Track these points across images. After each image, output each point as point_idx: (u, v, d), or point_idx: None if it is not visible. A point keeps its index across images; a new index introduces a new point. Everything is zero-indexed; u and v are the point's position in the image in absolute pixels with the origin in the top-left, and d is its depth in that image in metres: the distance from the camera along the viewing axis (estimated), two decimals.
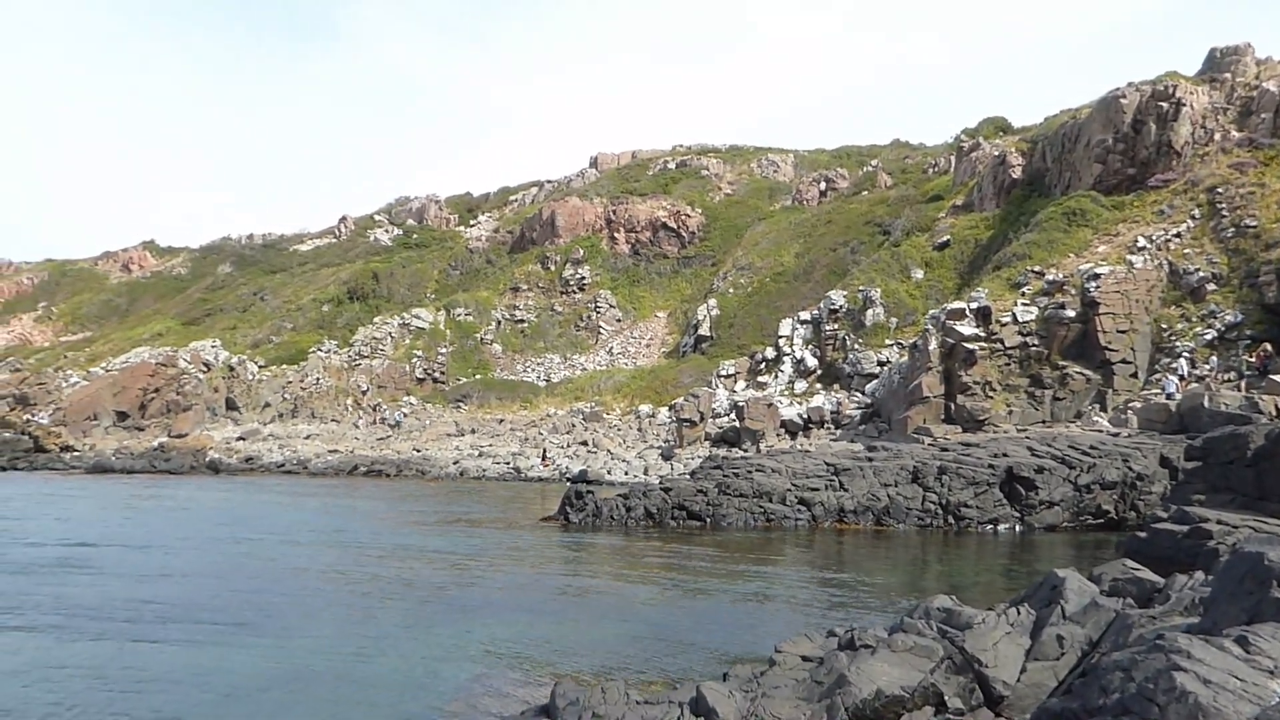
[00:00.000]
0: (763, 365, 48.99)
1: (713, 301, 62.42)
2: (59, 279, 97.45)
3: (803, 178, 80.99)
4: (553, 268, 75.25)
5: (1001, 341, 34.86)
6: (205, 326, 74.90)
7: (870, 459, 26.71)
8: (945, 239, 48.96)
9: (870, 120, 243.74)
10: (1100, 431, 28.85)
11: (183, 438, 53.99)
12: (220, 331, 71.81)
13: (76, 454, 50.75)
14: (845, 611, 13.53)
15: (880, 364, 42.74)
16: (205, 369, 62.76)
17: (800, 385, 45.63)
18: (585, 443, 47.98)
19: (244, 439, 54.43)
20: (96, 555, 19.16)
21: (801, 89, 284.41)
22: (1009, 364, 34.76)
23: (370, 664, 10.83)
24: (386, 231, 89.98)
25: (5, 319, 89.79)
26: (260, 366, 64.33)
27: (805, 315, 49.63)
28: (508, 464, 44.33)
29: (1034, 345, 34.46)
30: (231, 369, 63.32)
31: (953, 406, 34.74)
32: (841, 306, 47.20)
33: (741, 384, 48.31)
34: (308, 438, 54.43)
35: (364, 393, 61.90)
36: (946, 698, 6.75)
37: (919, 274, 47.93)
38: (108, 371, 63.28)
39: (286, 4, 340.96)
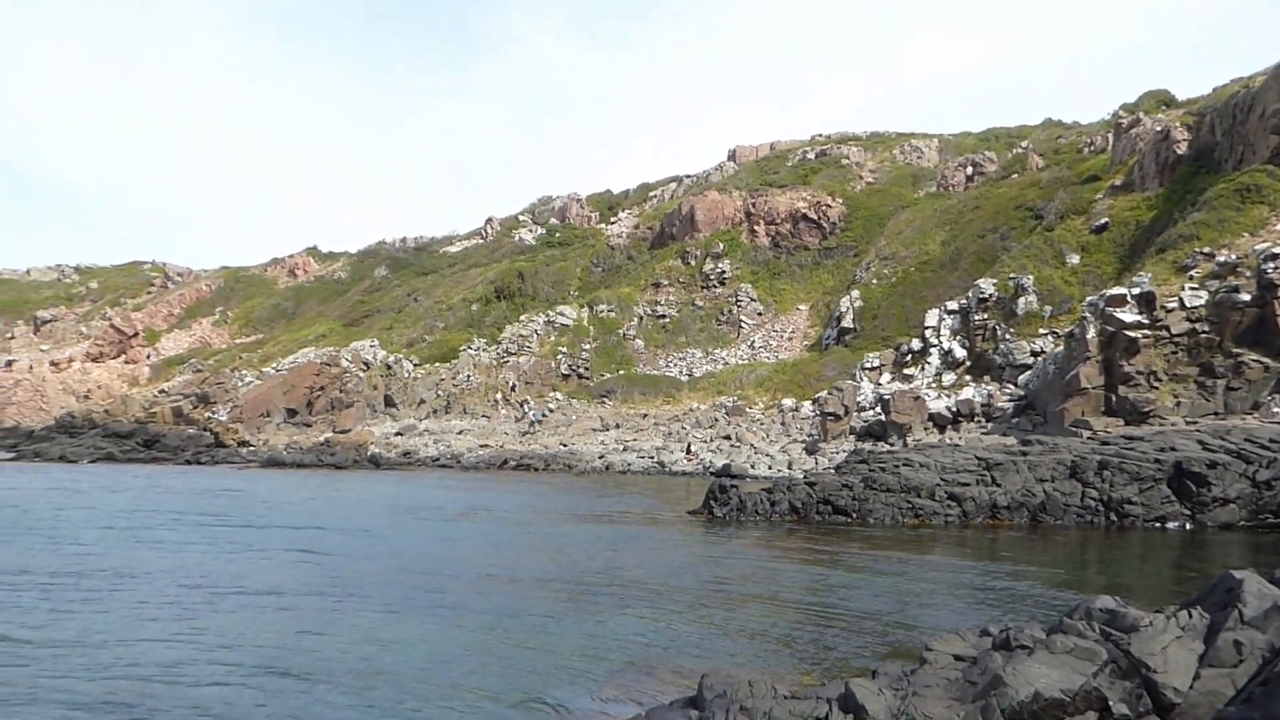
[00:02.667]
0: (909, 357, 47.82)
1: (855, 293, 61.31)
2: (233, 285, 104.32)
3: (948, 163, 78.46)
4: (693, 262, 75.49)
5: (1167, 328, 32.90)
6: (364, 327, 78.80)
7: (1024, 453, 25.74)
8: (1103, 221, 46.50)
9: (1019, 100, 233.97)
10: None
11: (346, 433, 56.99)
12: (378, 332, 75.42)
13: (252, 449, 54.31)
14: (999, 610, 13.14)
15: (1034, 354, 41.07)
16: (365, 368, 66.05)
17: (948, 377, 44.32)
18: (728, 437, 48.02)
19: (401, 434, 57.00)
20: (301, 538, 20.51)
21: (945, 70, 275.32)
22: (1176, 352, 32.78)
23: (524, 648, 11.24)
24: (530, 231, 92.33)
25: (187, 323, 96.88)
26: (415, 365, 67.22)
27: (953, 305, 48.13)
28: (652, 458, 44.85)
29: (1204, 332, 32.36)
30: (389, 367, 66.41)
31: (1114, 398, 33.04)
32: (991, 295, 45.54)
33: (887, 376, 47.30)
34: (460, 433, 56.53)
35: (512, 389, 63.77)
36: (1111, 703, 6.50)
37: (1075, 259, 45.71)
38: (278, 371, 67.46)
39: (434, 13, 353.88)
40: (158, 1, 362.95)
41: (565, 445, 50.65)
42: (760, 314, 69.80)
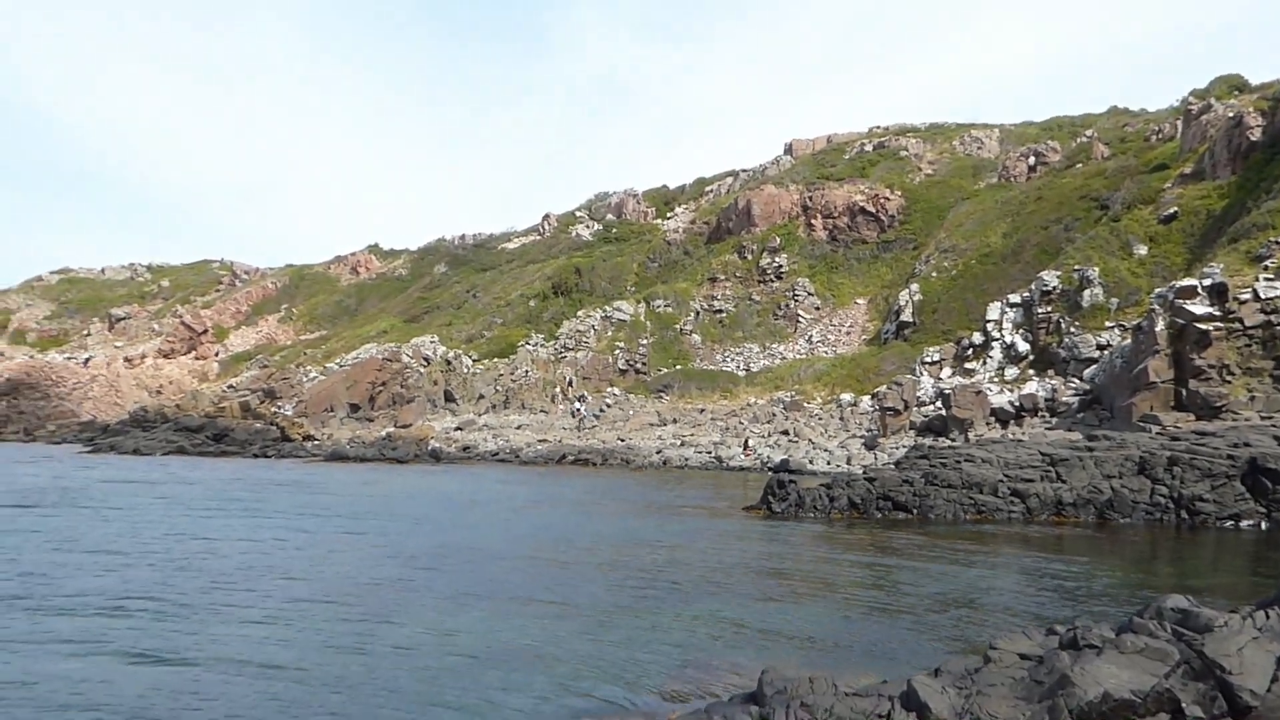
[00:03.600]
0: (970, 351, 47.11)
1: (915, 286, 60.52)
2: (298, 283, 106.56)
3: (1009, 153, 76.99)
4: (750, 257, 75.18)
5: (1240, 321, 31.95)
6: (424, 324, 79.91)
7: (1091, 449, 25.22)
8: (1172, 211, 45.27)
9: (1084, 88, 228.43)
10: None
11: (407, 428, 57.89)
12: (437, 328, 76.42)
13: (316, 443, 55.48)
14: (1065, 608, 12.93)
15: (1100, 348, 40.18)
16: (425, 363, 66.99)
17: (1011, 371, 43.57)
18: (786, 432, 47.78)
19: (461, 429, 57.73)
20: (364, 529, 20.97)
21: (1006, 60, 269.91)
22: (1250, 345, 31.83)
23: (583, 643, 11.33)
24: (587, 227, 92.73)
25: (254, 320, 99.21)
26: (474, 360, 68.00)
27: (1015, 298, 47.29)
28: (709, 453, 44.81)
29: (1279, 324, 31.40)
30: (448, 363, 67.27)
31: (1184, 392, 32.20)
32: (1055, 287, 44.64)
33: (947, 371, 46.66)
34: (518, 428, 57.06)
35: (569, 384, 64.17)
36: (1184, 705, 6.38)
37: (1142, 250, 44.59)
38: (341, 367, 68.73)
39: (495, 12, 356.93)
40: (228, 5, 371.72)
41: (623, 440, 50.84)
42: (818, 308, 69.28)
